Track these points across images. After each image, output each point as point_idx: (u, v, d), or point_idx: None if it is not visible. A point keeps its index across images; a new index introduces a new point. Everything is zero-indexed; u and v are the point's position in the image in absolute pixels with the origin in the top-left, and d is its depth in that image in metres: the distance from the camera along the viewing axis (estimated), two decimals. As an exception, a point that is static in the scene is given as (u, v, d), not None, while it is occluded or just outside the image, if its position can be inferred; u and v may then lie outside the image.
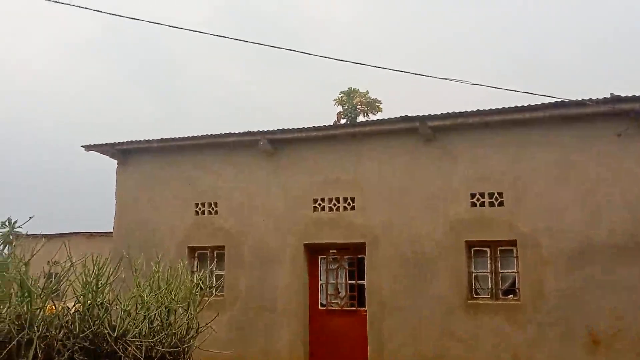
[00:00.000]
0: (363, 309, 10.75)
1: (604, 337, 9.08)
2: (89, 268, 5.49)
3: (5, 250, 5.72)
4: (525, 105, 9.73)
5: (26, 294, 5.10)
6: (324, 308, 11.17)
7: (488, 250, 10.07)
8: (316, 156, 11.29)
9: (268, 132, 11.37)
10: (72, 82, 75.04)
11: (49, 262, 5.70)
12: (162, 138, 12.20)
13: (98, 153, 12.83)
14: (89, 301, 5.51)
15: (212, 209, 11.93)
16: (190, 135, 12.04)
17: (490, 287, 10.02)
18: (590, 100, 9.30)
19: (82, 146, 12.63)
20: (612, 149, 9.42)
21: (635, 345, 8.93)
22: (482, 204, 10.02)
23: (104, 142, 12.56)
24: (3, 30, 75.90)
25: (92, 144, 12.59)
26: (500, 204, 9.91)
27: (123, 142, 12.52)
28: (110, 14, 8.11)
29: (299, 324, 10.99)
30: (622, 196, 9.26)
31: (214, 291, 10.14)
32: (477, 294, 10.10)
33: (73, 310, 5.54)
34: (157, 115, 70.25)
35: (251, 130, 11.52)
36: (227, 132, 11.76)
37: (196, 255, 12.05)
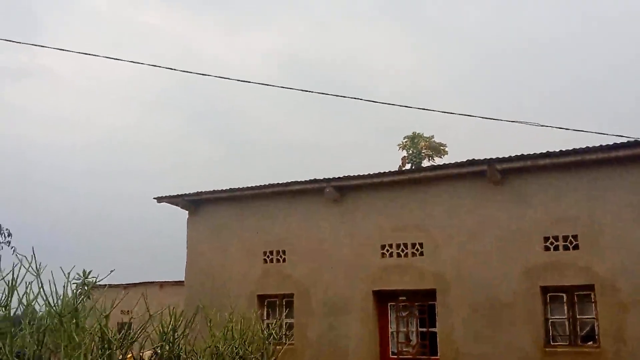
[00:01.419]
0: (436, 357, 10.51)
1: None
2: (166, 319, 5.61)
3: (85, 303, 5.90)
4: (597, 145, 9.51)
5: (106, 346, 5.24)
6: (395, 357, 10.98)
7: (564, 295, 9.75)
8: (382, 202, 11.26)
9: (333, 179, 11.45)
10: (143, 134, 78.05)
11: (122, 311, 5.84)
12: (230, 188, 12.45)
13: (169, 204, 13.18)
14: (165, 352, 5.61)
15: (281, 257, 12.01)
16: (257, 185, 12.23)
17: (567, 333, 9.66)
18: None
19: (154, 198, 13.04)
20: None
21: None
22: (557, 248, 9.74)
23: (175, 194, 12.90)
24: (82, 88, 79.85)
25: (163, 195, 12.97)
26: (575, 247, 9.61)
27: (192, 193, 12.82)
28: (181, 70, 8.48)
29: (370, 373, 10.82)
30: None
31: (285, 340, 10.13)
32: (554, 340, 9.75)
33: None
34: (224, 165, 71.94)
35: (317, 178, 11.62)
36: (293, 180, 11.90)
37: (266, 303, 12.11)
